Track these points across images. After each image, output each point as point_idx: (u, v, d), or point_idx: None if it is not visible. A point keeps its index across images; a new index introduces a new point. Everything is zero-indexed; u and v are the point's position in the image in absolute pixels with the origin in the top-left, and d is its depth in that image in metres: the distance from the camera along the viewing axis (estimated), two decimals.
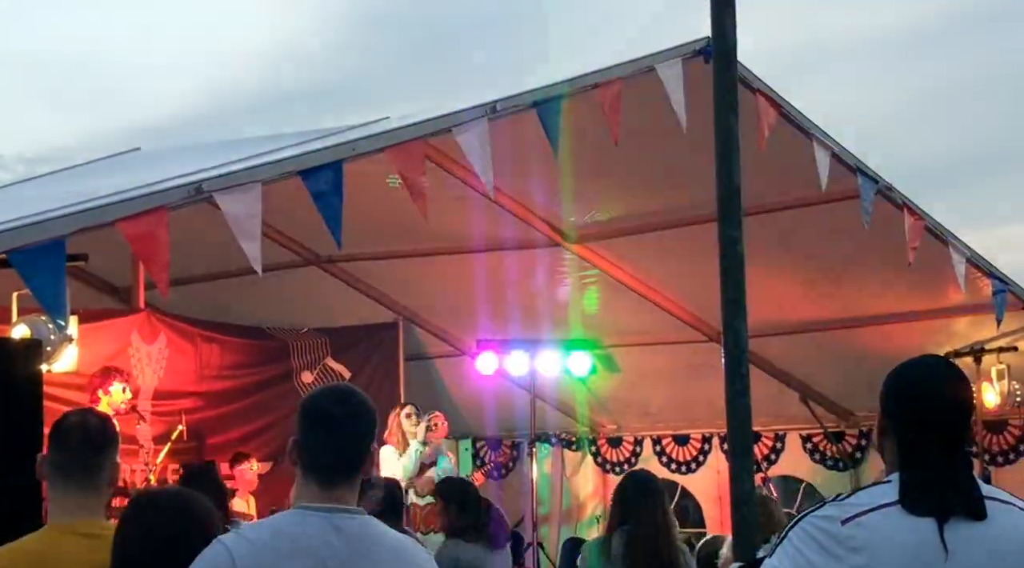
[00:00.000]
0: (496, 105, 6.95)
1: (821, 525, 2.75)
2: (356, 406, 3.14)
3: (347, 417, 3.10)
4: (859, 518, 2.72)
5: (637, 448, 12.78)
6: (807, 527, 2.76)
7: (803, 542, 2.75)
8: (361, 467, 3.12)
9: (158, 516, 3.20)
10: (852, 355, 10.75)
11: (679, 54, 7.48)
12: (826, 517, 2.75)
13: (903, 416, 2.84)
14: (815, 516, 2.77)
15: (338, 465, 3.07)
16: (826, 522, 2.74)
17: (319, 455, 3.06)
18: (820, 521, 2.75)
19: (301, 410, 3.12)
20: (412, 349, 12.25)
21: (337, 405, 3.13)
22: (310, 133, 8.08)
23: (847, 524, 2.72)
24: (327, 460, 3.05)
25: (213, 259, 9.91)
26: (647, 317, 11.10)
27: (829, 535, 2.72)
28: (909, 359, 2.96)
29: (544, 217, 10.15)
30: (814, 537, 2.74)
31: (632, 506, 6.10)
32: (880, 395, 2.91)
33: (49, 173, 10.39)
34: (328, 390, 3.29)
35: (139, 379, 9.60)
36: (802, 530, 2.77)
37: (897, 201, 8.81)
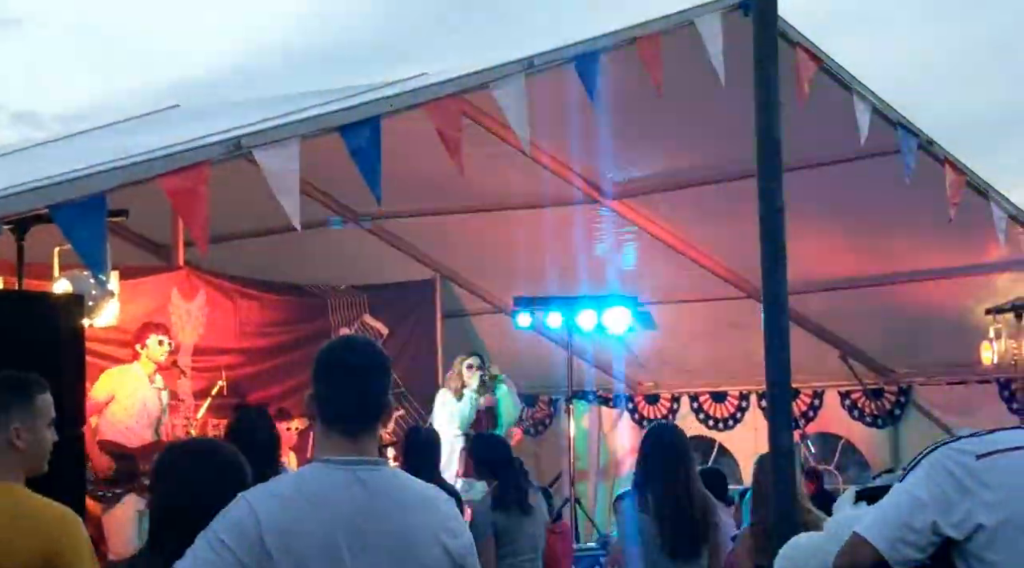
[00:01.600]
0: (534, 60, 6.92)
1: (956, 458, 2.76)
2: (372, 356, 3.12)
3: (364, 367, 3.08)
4: (996, 456, 2.74)
5: (674, 405, 12.79)
6: (942, 458, 2.77)
7: (936, 471, 2.76)
8: (380, 417, 3.10)
9: (190, 463, 3.27)
10: (891, 311, 10.70)
11: (718, 7, 7.42)
12: (961, 450, 2.77)
13: None
14: (951, 448, 2.79)
15: (358, 416, 3.03)
16: (962, 455, 2.76)
17: (339, 407, 3.03)
18: (956, 454, 2.77)
19: (317, 362, 3.09)
20: (449, 306, 12.28)
21: (353, 355, 3.11)
22: (347, 89, 8.07)
23: (982, 459, 2.73)
24: (347, 411, 3.02)
25: (252, 217, 9.94)
26: (685, 274, 11.07)
27: (964, 467, 2.73)
28: None
29: (582, 173, 10.12)
30: (947, 469, 2.75)
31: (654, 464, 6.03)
32: None
33: (88, 130, 10.43)
34: (343, 341, 3.28)
35: (179, 335, 9.66)
36: (935, 460, 2.78)
37: (938, 156, 8.73)
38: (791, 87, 7.11)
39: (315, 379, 3.08)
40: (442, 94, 6.62)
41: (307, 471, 3.06)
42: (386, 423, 3.18)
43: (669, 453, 6.05)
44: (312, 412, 3.08)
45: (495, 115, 8.02)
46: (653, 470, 6.00)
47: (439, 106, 6.55)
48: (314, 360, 3.11)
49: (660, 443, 6.13)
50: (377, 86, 7.89)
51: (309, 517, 2.89)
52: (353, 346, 3.20)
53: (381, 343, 6.79)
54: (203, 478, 3.21)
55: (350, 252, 11.61)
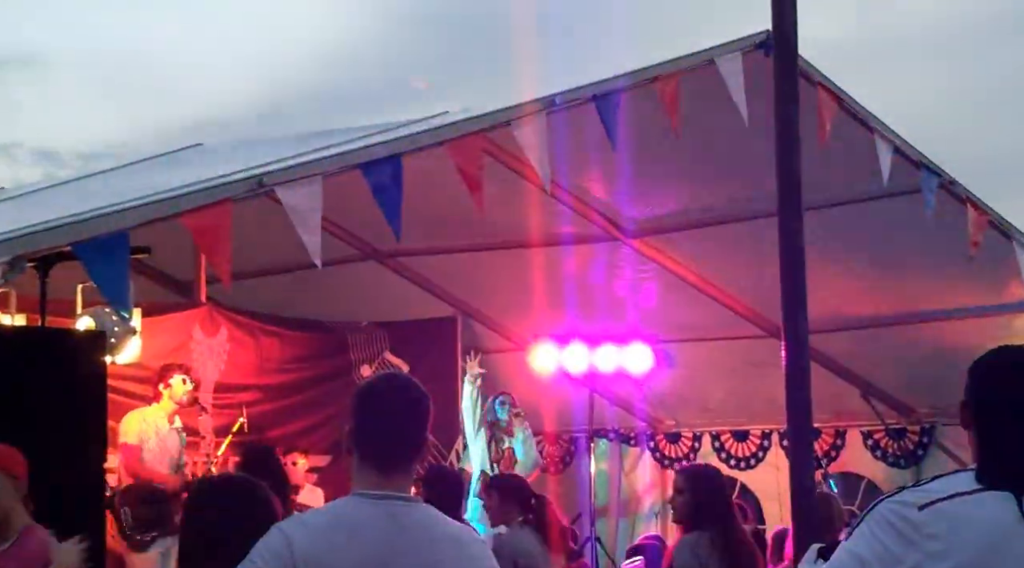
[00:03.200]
0: (555, 98, 6.95)
1: (898, 510, 2.74)
2: (412, 394, 3.16)
3: (403, 404, 3.12)
4: (937, 505, 2.71)
5: (696, 444, 12.72)
6: (884, 512, 2.75)
7: (879, 527, 2.73)
8: (417, 455, 3.13)
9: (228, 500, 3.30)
10: (914, 351, 10.64)
11: (739, 47, 7.44)
12: (903, 503, 2.75)
13: (988, 404, 2.83)
14: (892, 501, 2.77)
15: (395, 452, 3.07)
16: (903, 508, 2.73)
17: (376, 442, 3.07)
18: (897, 507, 2.74)
19: (357, 397, 3.13)
20: (470, 344, 12.27)
21: (394, 392, 3.15)
22: (369, 127, 8.12)
23: (924, 510, 2.71)
24: (384, 447, 3.06)
25: (273, 254, 9.98)
26: (705, 312, 11.04)
27: (906, 520, 2.71)
28: (990, 351, 2.94)
29: (602, 211, 10.13)
30: (890, 522, 2.73)
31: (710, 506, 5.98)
32: (966, 385, 2.90)
33: (112, 169, 10.50)
34: (384, 378, 3.31)
35: (200, 372, 9.69)
36: (879, 515, 2.76)
37: (960, 195, 8.71)
38: (812, 126, 7.13)
39: (354, 413, 3.11)
40: (463, 132, 6.65)
41: (341, 504, 3.09)
42: (422, 461, 3.21)
43: (722, 496, 6.08)
44: (349, 446, 3.10)
45: (515, 152, 8.05)
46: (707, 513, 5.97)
47: (460, 144, 6.58)
48: (355, 395, 3.14)
49: (712, 487, 6.13)
50: (398, 124, 7.93)
51: (342, 548, 2.92)
52: (393, 383, 3.24)
53: None
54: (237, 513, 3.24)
55: (371, 289, 11.63)
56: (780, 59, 3.97)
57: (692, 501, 6.05)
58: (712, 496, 6.05)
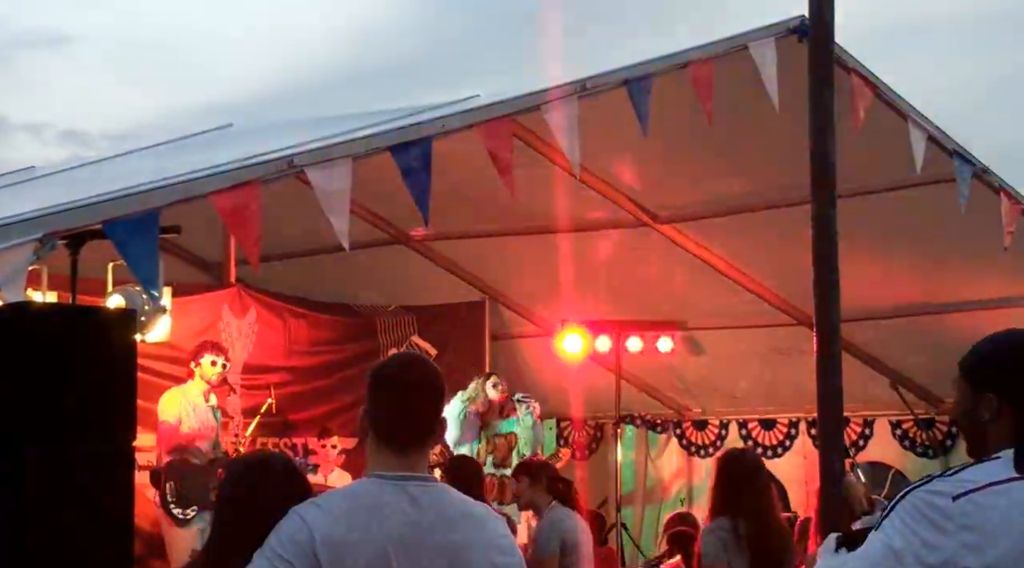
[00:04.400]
0: (586, 83, 6.92)
1: (931, 501, 2.69)
2: (426, 374, 3.14)
3: (417, 384, 3.10)
4: (972, 495, 2.67)
5: (723, 431, 12.69)
6: (916, 502, 2.70)
7: (912, 517, 2.69)
8: (432, 434, 3.12)
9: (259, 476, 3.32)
10: (944, 340, 10.54)
11: (773, 32, 7.38)
12: (937, 492, 2.69)
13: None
14: (925, 490, 2.71)
15: (409, 433, 3.06)
16: (937, 497, 2.69)
17: (391, 423, 3.06)
18: (930, 496, 2.69)
19: (371, 379, 3.12)
20: (498, 328, 12.27)
21: (407, 373, 3.13)
22: (399, 110, 8.10)
23: (959, 500, 2.66)
24: (398, 428, 3.05)
25: (302, 236, 9.99)
26: (735, 299, 11.00)
27: (940, 510, 2.67)
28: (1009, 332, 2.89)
29: (632, 197, 10.10)
30: (923, 513, 2.68)
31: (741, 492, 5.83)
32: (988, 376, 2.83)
33: (142, 148, 10.53)
34: (397, 358, 3.31)
35: (229, 352, 9.73)
36: (911, 505, 2.71)
37: (994, 184, 8.64)
38: (846, 113, 7.07)
39: (369, 395, 3.11)
40: (494, 116, 6.63)
41: (359, 486, 3.08)
42: (438, 441, 3.20)
43: (756, 481, 5.95)
44: (365, 428, 3.10)
45: (546, 137, 8.02)
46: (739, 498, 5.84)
47: (491, 127, 6.55)
48: (369, 376, 3.13)
49: (745, 470, 6.01)
50: (429, 107, 7.92)
51: (360, 531, 2.91)
52: (408, 364, 3.23)
53: None
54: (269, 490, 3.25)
55: (399, 273, 11.64)
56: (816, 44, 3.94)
57: (716, 486, 5.98)
58: (736, 482, 5.90)
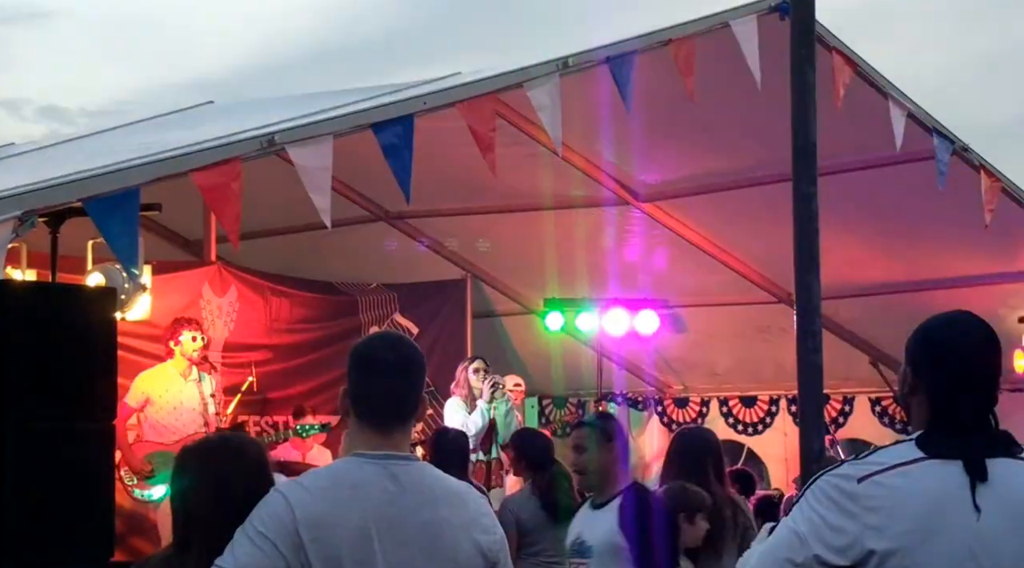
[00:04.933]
0: (568, 60, 6.91)
1: (837, 483, 2.68)
2: (406, 352, 3.13)
3: (398, 363, 3.09)
4: (876, 476, 2.66)
5: (704, 409, 12.75)
6: (823, 485, 2.70)
7: (818, 500, 2.69)
8: (414, 413, 3.12)
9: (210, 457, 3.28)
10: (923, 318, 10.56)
11: (754, 10, 7.38)
12: (842, 475, 2.69)
13: (938, 375, 2.78)
14: (832, 474, 2.71)
15: (391, 411, 3.05)
16: (842, 480, 2.68)
17: (372, 402, 3.05)
18: (836, 479, 2.69)
19: (352, 358, 3.11)
20: (480, 306, 12.27)
21: (388, 351, 3.12)
22: (381, 88, 8.08)
23: (863, 482, 2.65)
24: (380, 407, 3.04)
25: (283, 214, 9.96)
26: (716, 277, 11.03)
27: (845, 493, 2.66)
28: (939, 316, 2.90)
29: (614, 175, 10.10)
30: (829, 495, 2.67)
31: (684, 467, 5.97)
32: (910, 353, 2.84)
33: (123, 125, 10.47)
34: (378, 337, 3.29)
35: (210, 330, 9.69)
36: (818, 488, 2.71)
37: (974, 162, 8.67)
38: (826, 91, 7.08)
39: (350, 374, 3.10)
40: (476, 93, 6.61)
41: (340, 465, 3.08)
42: (419, 420, 3.19)
43: (700, 455, 6.02)
44: (346, 407, 3.09)
45: (527, 115, 8.01)
46: (683, 473, 5.97)
47: (473, 105, 6.54)
48: (349, 355, 3.12)
49: (692, 446, 6.10)
50: (410, 85, 7.90)
51: (342, 510, 2.90)
52: (388, 342, 3.21)
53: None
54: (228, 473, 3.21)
55: (381, 251, 11.62)
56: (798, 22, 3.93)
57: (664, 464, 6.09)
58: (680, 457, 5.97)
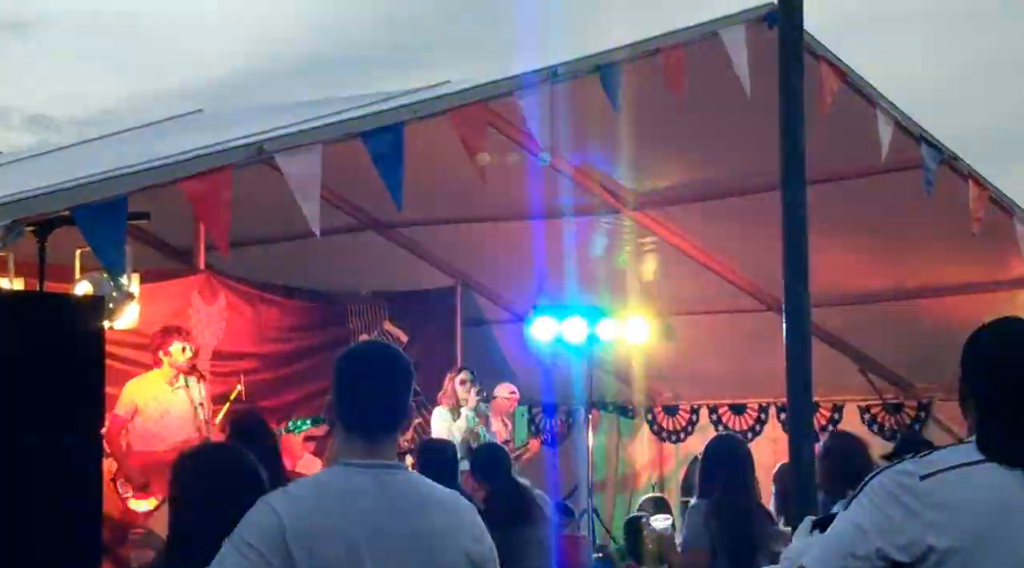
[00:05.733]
0: (557, 69, 6.92)
1: (900, 480, 2.71)
2: (392, 360, 3.13)
3: (384, 371, 3.09)
4: (939, 475, 2.69)
5: (694, 417, 12.75)
6: (885, 481, 2.72)
7: (880, 497, 2.71)
8: (401, 422, 3.12)
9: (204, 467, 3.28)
10: (912, 326, 10.65)
11: (743, 19, 7.40)
12: (905, 472, 2.72)
13: (985, 378, 2.81)
14: (893, 471, 2.74)
15: (378, 420, 3.06)
16: (905, 477, 2.71)
17: (358, 411, 3.05)
18: (899, 476, 2.72)
19: (338, 366, 3.12)
20: (470, 314, 12.27)
21: (374, 360, 3.13)
22: (370, 96, 8.08)
23: (926, 480, 2.68)
24: (366, 415, 3.05)
25: (273, 222, 9.94)
26: (706, 285, 11.04)
27: (908, 490, 2.69)
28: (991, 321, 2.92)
29: (603, 183, 10.11)
30: (891, 492, 2.70)
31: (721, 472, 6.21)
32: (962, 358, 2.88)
33: (112, 134, 10.46)
34: (364, 346, 3.29)
35: (199, 339, 9.67)
36: (879, 485, 2.73)
37: (962, 171, 8.69)
38: (814, 100, 7.10)
39: (335, 383, 3.10)
40: (466, 101, 6.62)
41: (328, 474, 3.08)
42: (406, 428, 3.19)
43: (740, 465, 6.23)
44: (332, 416, 3.09)
45: (516, 123, 8.01)
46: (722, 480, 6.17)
47: (463, 113, 6.55)
48: (335, 364, 3.12)
49: (732, 454, 6.32)
50: (400, 93, 7.90)
51: (330, 519, 2.90)
52: (374, 350, 3.22)
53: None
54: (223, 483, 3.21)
55: (371, 259, 11.61)
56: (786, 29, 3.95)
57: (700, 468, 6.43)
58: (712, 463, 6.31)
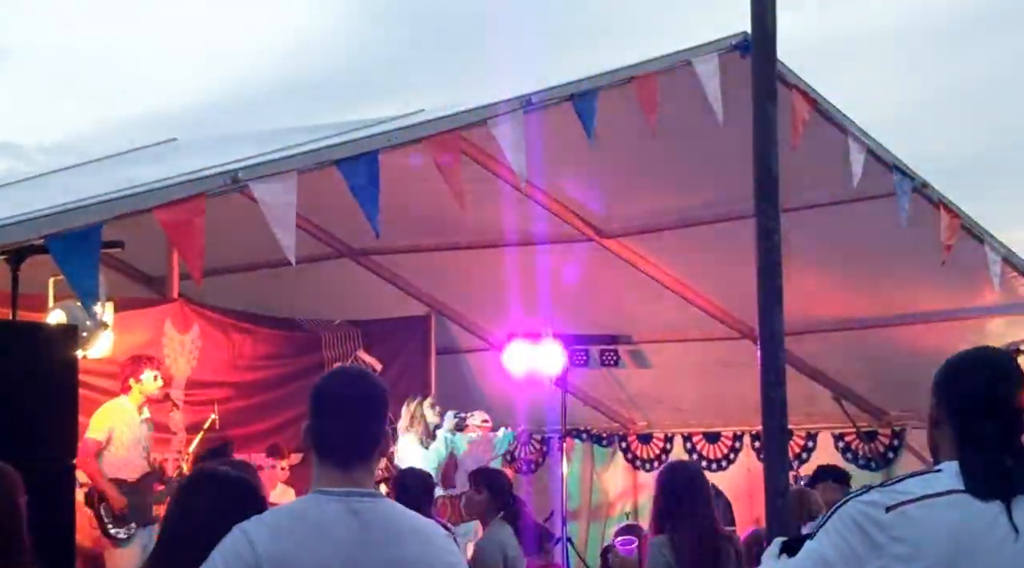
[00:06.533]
0: (531, 98, 6.94)
1: (865, 511, 2.71)
2: (366, 387, 3.12)
3: (359, 399, 3.08)
4: (905, 507, 2.69)
5: (667, 445, 12.75)
6: (851, 512, 2.73)
7: (846, 526, 2.71)
8: (376, 448, 3.09)
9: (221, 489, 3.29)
10: (885, 354, 10.69)
11: (715, 48, 7.45)
12: (871, 503, 2.72)
13: (964, 406, 2.82)
14: (860, 501, 2.74)
15: (353, 448, 3.03)
16: (870, 508, 2.71)
17: (333, 439, 3.03)
18: (864, 507, 2.72)
19: (314, 394, 3.10)
20: (443, 343, 12.26)
21: (348, 387, 3.11)
22: (344, 124, 8.09)
23: (891, 512, 2.68)
24: (341, 443, 3.03)
25: (246, 251, 9.93)
26: (679, 313, 11.06)
27: (873, 521, 2.69)
28: (967, 351, 2.94)
29: (577, 211, 10.13)
30: (857, 522, 2.70)
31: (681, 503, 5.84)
32: (935, 385, 2.88)
33: (85, 162, 10.44)
34: (339, 372, 3.28)
35: (172, 368, 9.65)
36: (846, 514, 2.73)
37: (933, 198, 8.75)
38: (786, 128, 7.14)
39: (310, 410, 3.08)
40: (441, 130, 6.63)
41: (302, 502, 3.06)
42: (382, 455, 3.18)
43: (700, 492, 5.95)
44: (308, 444, 3.08)
45: (490, 151, 8.03)
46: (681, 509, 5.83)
47: (438, 141, 6.56)
48: (311, 391, 3.11)
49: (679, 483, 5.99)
50: (374, 121, 7.91)
51: (304, 547, 2.89)
52: (349, 378, 3.21)
53: None
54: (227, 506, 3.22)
55: (344, 287, 11.60)
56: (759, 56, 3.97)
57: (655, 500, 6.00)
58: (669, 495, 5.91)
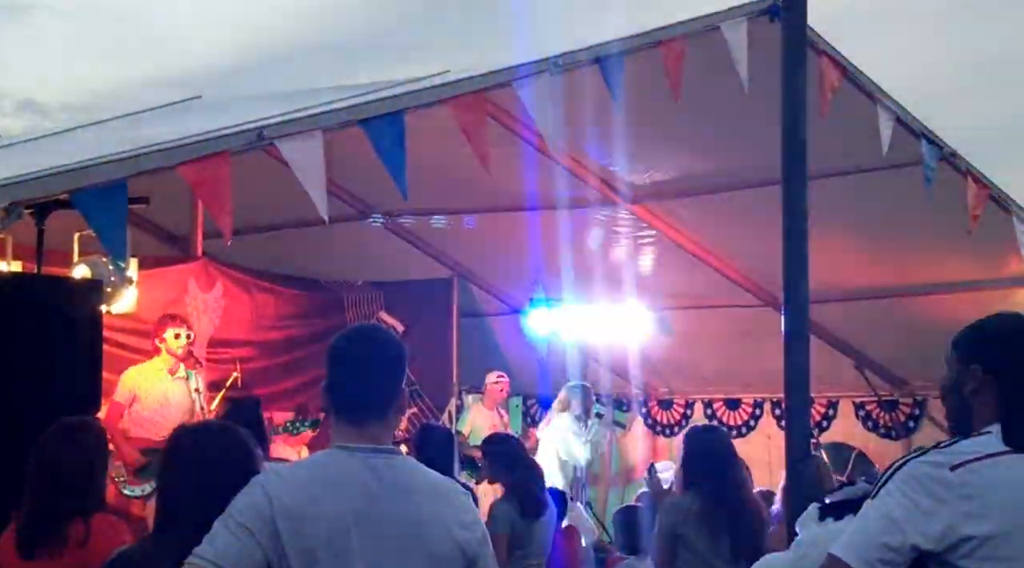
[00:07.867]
0: (558, 60, 6.90)
1: (928, 471, 2.72)
2: (383, 346, 3.14)
3: (374, 356, 3.10)
4: (970, 464, 2.70)
5: (688, 411, 12.77)
6: (914, 472, 2.73)
7: (910, 486, 2.71)
8: (393, 405, 3.10)
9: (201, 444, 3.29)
10: (909, 324, 10.65)
11: (744, 12, 7.37)
12: (934, 463, 2.72)
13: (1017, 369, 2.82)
14: (921, 461, 2.74)
15: (369, 404, 3.05)
16: (934, 468, 2.72)
17: (350, 395, 3.05)
18: (927, 467, 2.72)
19: (331, 352, 3.11)
20: (466, 306, 12.27)
21: (364, 344, 3.12)
22: (370, 85, 8.06)
23: (956, 470, 2.69)
24: (358, 400, 3.05)
25: (270, 210, 9.95)
26: (702, 280, 11.04)
27: (937, 480, 2.69)
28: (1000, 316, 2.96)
29: (601, 175, 10.09)
30: (921, 482, 2.71)
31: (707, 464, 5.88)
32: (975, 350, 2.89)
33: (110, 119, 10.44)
34: (356, 330, 3.28)
35: (195, 326, 9.68)
36: (908, 475, 2.73)
37: (961, 168, 8.68)
38: (814, 95, 7.08)
39: (329, 368, 3.09)
40: (466, 90, 6.60)
41: (320, 457, 3.08)
42: (401, 413, 3.19)
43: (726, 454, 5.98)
44: (327, 402, 3.09)
45: (514, 113, 7.99)
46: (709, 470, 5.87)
47: (464, 102, 6.52)
48: (328, 349, 3.12)
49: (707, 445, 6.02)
50: (399, 82, 7.88)
51: (320, 501, 2.90)
52: (364, 336, 3.21)
53: None
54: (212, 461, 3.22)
55: (368, 249, 11.61)
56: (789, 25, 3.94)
57: (681, 462, 6.04)
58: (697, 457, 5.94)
